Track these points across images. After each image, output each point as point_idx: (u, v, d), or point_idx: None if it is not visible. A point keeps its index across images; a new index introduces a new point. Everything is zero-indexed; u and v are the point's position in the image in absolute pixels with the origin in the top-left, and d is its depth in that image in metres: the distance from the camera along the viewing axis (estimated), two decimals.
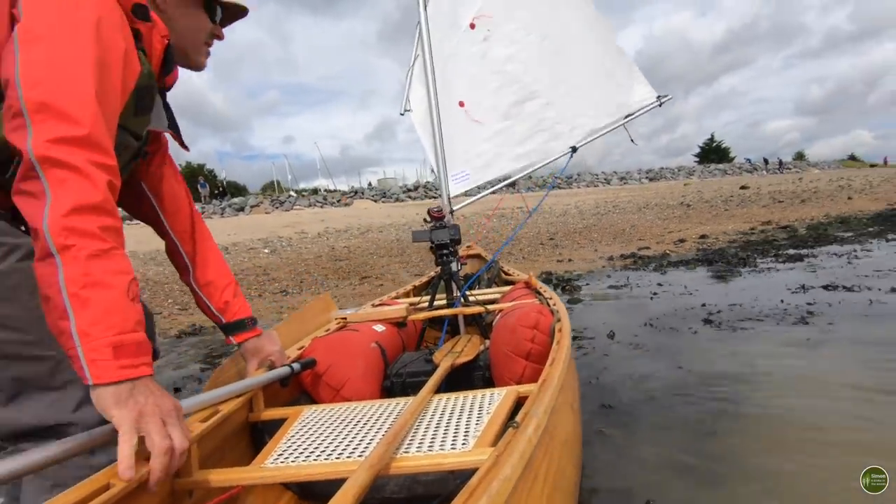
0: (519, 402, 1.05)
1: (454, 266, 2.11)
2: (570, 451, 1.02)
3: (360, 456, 0.91)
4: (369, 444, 0.96)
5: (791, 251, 5.88)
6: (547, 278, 5.58)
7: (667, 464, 1.55)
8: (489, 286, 2.83)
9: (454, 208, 2.77)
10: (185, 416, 0.81)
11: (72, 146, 0.71)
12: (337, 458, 0.92)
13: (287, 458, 0.95)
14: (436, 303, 2.14)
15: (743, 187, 21.31)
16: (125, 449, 0.69)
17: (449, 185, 2.76)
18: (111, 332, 0.70)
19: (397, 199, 25.16)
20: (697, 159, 51.85)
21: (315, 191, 30.01)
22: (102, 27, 0.79)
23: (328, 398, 1.43)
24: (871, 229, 7.39)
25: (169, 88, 1.08)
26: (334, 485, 0.74)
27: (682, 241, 8.20)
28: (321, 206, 22.62)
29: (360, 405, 1.19)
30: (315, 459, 0.93)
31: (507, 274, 3.01)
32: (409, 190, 27.64)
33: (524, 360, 1.38)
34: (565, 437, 1.00)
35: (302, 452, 0.97)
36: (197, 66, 1.11)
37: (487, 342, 1.71)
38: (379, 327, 1.77)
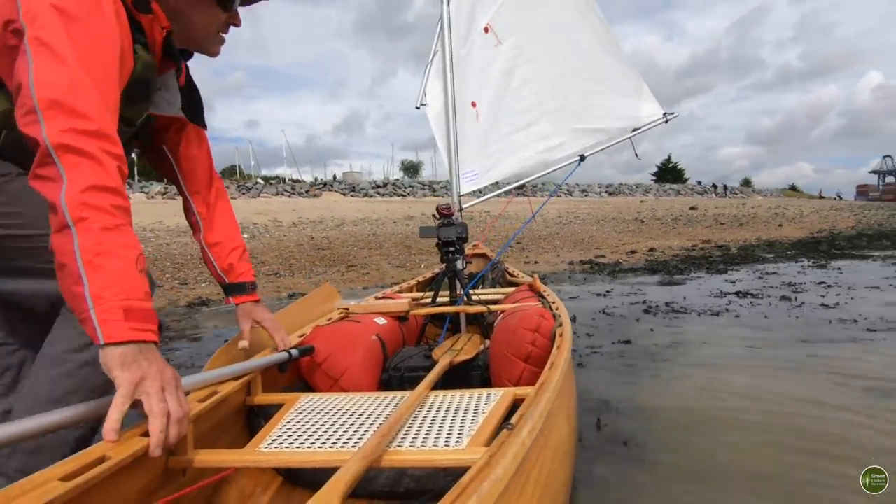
0: (515, 404, 1.04)
1: (459, 264, 2.09)
2: (563, 456, 1.02)
3: (353, 446, 0.91)
4: (364, 435, 0.96)
5: (721, 266, 6.95)
6: None
7: (613, 379, 2.40)
8: (493, 286, 2.82)
9: (463, 207, 2.75)
10: (184, 393, 0.82)
11: (84, 136, 0.76)
12: (330, 447, 0.92)
13: (281, 443, 0.95)
14: (439, 300, 2.12)
15: (692, 208, 22.60)
16: (114, 413, 0.72)
17: (460, 182, 2.75)
18: (122, 297, 0.74)
19: (366, 195, 24.84)
20: (654, 178, 53.85)
21: (281, 179, 29.18)
22: (98, 32, 0.84)
23: (326, 387, 1.42)
24: (789, 252, 8.59)
25: (175, 75, 1.11)
26: (326, 473, 0.74)
27: (633, 252, 9.12)
28: (289, 196, 22.11)
29: (356, 396, 1.19)
30: (309, 447, 0.93)
31: (511, 275, 3.00)
32: (378, 186, 27.33)
33: (523, 363, 1.36)
34: (559, 441, 1.00)
35: (296, 439, 0.97)
36: (210, 55, 1.16)
37: (488, 342, 1.70)
38: (380, 320, 1.76)
